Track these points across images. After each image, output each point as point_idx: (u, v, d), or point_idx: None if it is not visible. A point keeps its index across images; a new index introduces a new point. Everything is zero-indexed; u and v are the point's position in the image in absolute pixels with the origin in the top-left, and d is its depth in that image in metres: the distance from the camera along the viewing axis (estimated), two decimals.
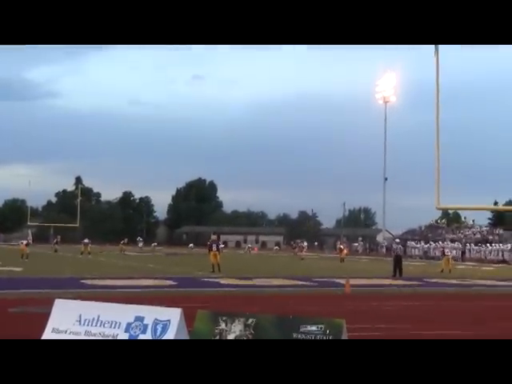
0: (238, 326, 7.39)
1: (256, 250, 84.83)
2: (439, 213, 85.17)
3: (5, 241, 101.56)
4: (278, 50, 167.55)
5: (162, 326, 7.54)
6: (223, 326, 7.46)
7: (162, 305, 8.32)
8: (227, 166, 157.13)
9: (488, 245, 68.51)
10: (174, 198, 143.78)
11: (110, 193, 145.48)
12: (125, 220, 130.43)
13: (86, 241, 56.41)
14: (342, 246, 58.21)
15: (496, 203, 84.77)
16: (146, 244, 79.58)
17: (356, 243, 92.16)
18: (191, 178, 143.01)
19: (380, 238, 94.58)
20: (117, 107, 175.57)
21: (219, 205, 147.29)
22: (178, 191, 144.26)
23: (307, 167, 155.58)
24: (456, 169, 76.62)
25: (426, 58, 21.93)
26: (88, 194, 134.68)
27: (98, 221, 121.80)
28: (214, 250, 33.46)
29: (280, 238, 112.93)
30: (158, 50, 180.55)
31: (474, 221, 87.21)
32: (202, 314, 7.80)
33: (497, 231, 78.13)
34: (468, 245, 70.96)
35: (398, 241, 41.75)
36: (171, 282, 24.91)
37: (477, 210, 52.99)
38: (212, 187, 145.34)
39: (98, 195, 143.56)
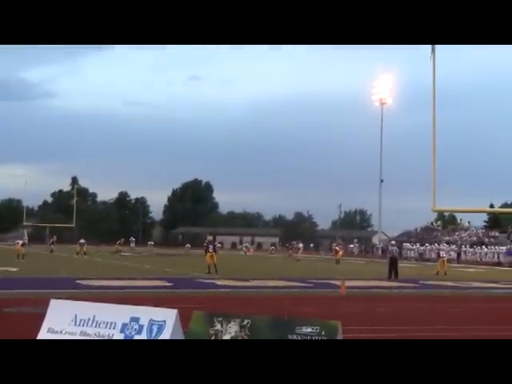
0: (233, 326, 7.40)
1: (252, 251, 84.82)
2: (435, 215, 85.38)
3: (0, 241, 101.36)
4: (275, 51, 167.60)
5: (157, 327, 7.55)
6: (219, 326, 7.47)
7: (158, 305, 8.32)
8: (223, 167, 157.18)
9: (483, 247, 68.59)
10: (169, 198, 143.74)
11: (106, 193, 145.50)
12: (120, 220, 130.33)
13: (82, 241, 56.37)
14: (338, 248, 58.23)
15: (492, 206, 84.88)
16: (141, 244, 79.47)
17: (352, 245, 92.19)
18: (187, 178, 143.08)
19: (376, 240, 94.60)
20: (113, 108, 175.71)
21: (215, 206, 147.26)
22: (174, 192, 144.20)
23: (303, 168, 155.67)
24: (452, 171, 76.96)
25: (423, 59, 21.91)
26: (84, 194, 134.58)
27: (94, 221, 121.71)
28: (211, 251, 33.44)
29: (276, 240, 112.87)
30: (155, 51, 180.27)
31: (469, 223, 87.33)
32: (197, 314, 7.81)
33: (492, 233, 78.23)
34: (463, 247, 71.03)
35: (393, 243, 41.74)
36: (167, 283, 24.90)
37: (472, 212, 52.99)
38: (208, 188, 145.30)
39: (94, 195, 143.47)
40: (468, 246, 71.35)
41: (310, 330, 6.96)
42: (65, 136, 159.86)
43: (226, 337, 7.36)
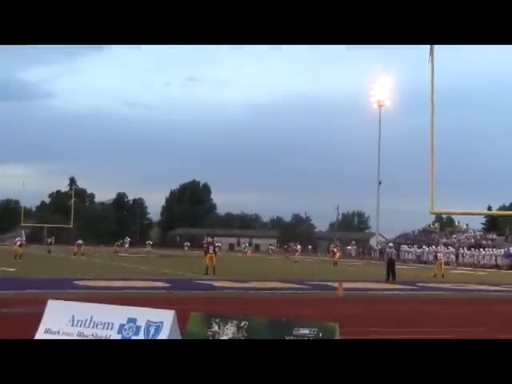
0: (230, 328, 7.38)
1: (250, 252, 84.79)
2: (433, 217, 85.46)
3: None
4: (272, 53, 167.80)
5: (154, 328, 7.53)
6: (216, 328, 7.45)
7: (155, 306, 8.31)
8: (221, 168, 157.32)
9: (481, 249, 68.60)
10: (167, 199, 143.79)
11: (104, 194, 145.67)
12: (118, 221, 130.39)
13: (80, 242, 56.36)
14: (335, 250, 58.20)
15: (490, 208, 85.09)
16: (138, 245, 79.34)
17: (349, 247, 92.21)
18: (185, 180, 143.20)
19: (373, 242, 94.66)
20: (111, 109, 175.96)
21: (213, 207, 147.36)
22: (172, 193, 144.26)
23: (301, 170, 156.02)
24: (450, 173, 76.91)
25: (422, 61, 21.86)
26: (82, 195, 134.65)
27: (92, 222, 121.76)
28: (211, 252, 33.38)
29: (273, 241, 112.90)
30: (152, 52, 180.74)
31: (467, 225, 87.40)
32: (194, 316, 7.79)
33: (490, 236, 78.25)
34: (461, 249, 71.03)
35: (391, 245, 41.77)
36: (164, 284, 24.88)
37: (470, 214, 53.02)
38: (206, 189, 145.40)
39: (92, 196, 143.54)
40: (466, 248, 71.35)
41: (307, 331, 6.95)
42: (63, 137, 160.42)
43: (224, 338, 7.34)
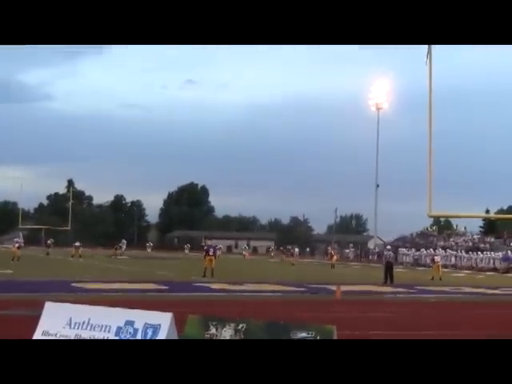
0: (228, 331, 7.38)
1: (248, 254, 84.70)
2: (430, 220, 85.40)
3: None
4: (270, 55, 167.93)
5: (152, 330, 7.53)
6: (214, 330, 7.45)
7: (153, 309, 8.30)
8: (219, 170, 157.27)
9: (479, 253, 68.60)
10: (165, 202, 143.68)
11: (102, 196, 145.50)
12: (116, 223, 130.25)
13: (77, 244, 56.27)
14: (333, 252, 58.09)
15: (488, 211, 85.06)
16: (136, 247, 79.23)
17: (347, 249, 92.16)
18: (183, 182, 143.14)
19: (371, 245, 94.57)
20: (109, 111, 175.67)
21: (211, 209, 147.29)
22: (170, 195, 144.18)
23: (299, 173, 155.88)
24: (448, 177, 76.88)
25: (420, 63, 21.78)
26: (80, 197, 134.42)
27: (90, 224, 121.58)
28: (211, 255, 33.34)
29: (271, 244, 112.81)
30: (151, 55, 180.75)
31: (465, 228, 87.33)
32: (192, 318, 7.79)
33: (488, 239, 78.24)
34: (459, 252, 71.01)
35: (389, 248, 41.78)
36: (162, 287, 24.87)
37: (468, 217, 53.08)
38: (204, 192, 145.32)
39: (90, 198, 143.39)
40: (464, 251, 71.34)
41: (305, 334, 6.95)
42: (61, 138, 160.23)
43: None
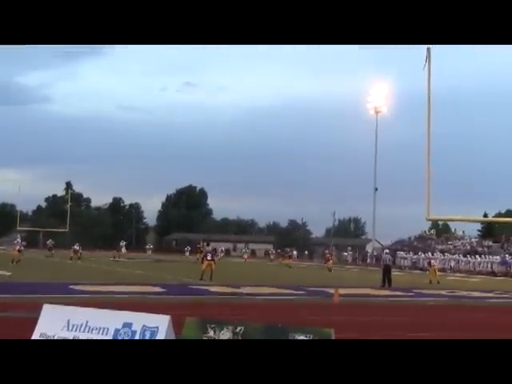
0: (226, 333, 7.38)
1: (246, 257, 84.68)
2: (429, 223, 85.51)
3: None
4: (269, 57, 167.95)
5: (150, 333, 7.52)
6: (211, 333, 7.45)
7: (151, 311, 8.30)
8: (218, 173, 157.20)
9: (477, 256, 68.68)
10: (164, 204, 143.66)
11: (100, 198, 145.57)
12: (114, 226, 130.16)
13: (76, 247, 56.23)
14: (329, 256, 57.77)
15: (486, 215, 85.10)
16: (134, 250, 79.19)
17: (345, 253, 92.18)
18: (182, 184, 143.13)
19: (369, 248, 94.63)
20: (108, 113, 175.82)
21: (209, 212, 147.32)
22: (168, 198, 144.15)
23: (297, 176, 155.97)
24: (446, 180, 76.88)
25: (419, 65, 21.75)
26: (78, 199, 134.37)
27: (88, 226, 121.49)
28: (209, 260, 33.07)
29: (270, 247, 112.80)
30: (149, 57, 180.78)
31: (463, 232, 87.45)
32: (190, 321, 7.78)
33: (486, 243, 78.33)
34: (457, 256, 71.08)
35: (387, 251, 41.76)
36: (160, 289, 24.86)
37: (466, 221, 53.05)
38: (202, 194, 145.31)
39: (88, 201, 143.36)
40: (462, 255, 71.42)
41: (303, 337, 6.94)
42: (59, 141, 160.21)
43: None
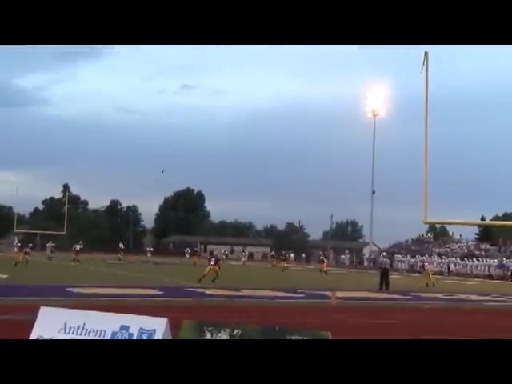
0: (223, 336, 7.37)
1: (244, 260, 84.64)
2: (426, 227, 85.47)
3: None
4: (268, 59, 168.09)
5: (147, 336, 7.51)
6: (209, 336, 7.44)
7: (148, 314, 8.29)
8: (215, 176, 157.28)
9: (474, 259, 68.73)
10: (161, 207, 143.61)
11: (98, 201, 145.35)
12: (112, 228, 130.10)
13: (77, 248, 56.35)
14: (323, 258, 57.26)
15: (483, 218, 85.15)
16: (132, 252, 79.11)
17: (343, 256, 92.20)
18: (179, 187, 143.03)
19: (367, 251, 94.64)
20: (105, 115, 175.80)
21: (207, 215, 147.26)
22: (166, 200, 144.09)
23: (295, 179, 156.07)
24: (444, 183, 76.98)
25: (417, 67, 21.75)
26: (75, 201, 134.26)
27: (85, 229, 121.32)
28: (213, 265, 33.00)
29: (267, 250, 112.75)
30: (148, 59, 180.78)
31: (461, 235, 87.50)
32: (187, 323, 7.78)
33: (483, 246, 78.40)
34: (454, 259, 71.14)
35: (384, 254, 41.81)
36: (157, 291, 24.85)
37: (464, 224, 53.05)
38: (200, 197, 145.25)
39: (86, 203, 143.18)
40: (459, 258, 71.48)
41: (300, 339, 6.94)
42: (57, 143, 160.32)
43: None
